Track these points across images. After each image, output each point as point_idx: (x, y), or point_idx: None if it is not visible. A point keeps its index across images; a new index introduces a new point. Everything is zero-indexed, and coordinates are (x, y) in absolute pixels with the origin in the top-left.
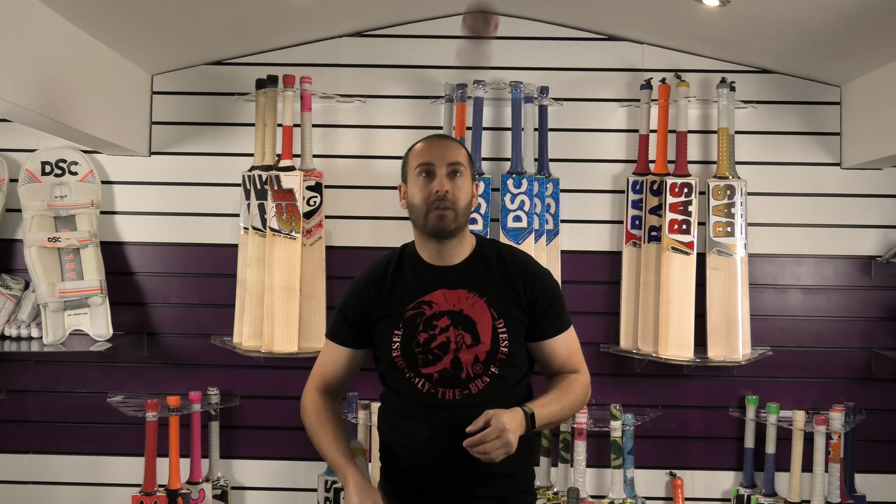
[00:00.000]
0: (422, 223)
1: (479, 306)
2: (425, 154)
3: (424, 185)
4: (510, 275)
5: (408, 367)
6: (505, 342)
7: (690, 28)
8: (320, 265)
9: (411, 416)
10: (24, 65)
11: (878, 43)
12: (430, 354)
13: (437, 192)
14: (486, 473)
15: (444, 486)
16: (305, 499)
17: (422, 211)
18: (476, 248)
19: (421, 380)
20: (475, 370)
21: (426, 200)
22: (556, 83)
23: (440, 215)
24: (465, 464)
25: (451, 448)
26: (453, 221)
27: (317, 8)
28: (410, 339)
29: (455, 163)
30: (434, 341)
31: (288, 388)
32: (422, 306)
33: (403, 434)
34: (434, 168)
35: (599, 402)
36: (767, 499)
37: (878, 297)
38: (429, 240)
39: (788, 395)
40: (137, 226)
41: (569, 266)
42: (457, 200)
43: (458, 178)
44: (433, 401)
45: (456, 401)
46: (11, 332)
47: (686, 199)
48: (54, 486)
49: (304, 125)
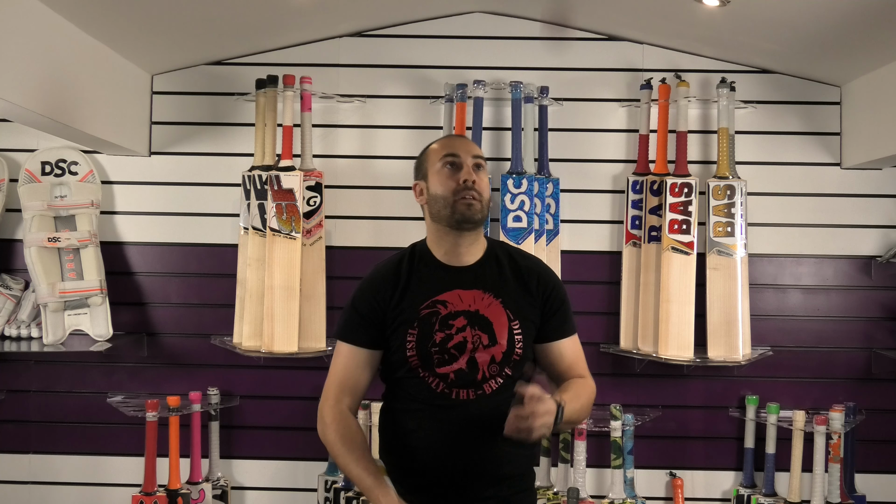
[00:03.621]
0: (448, 213)
1: (495, 307)
2: (450, 146)
3: (451, 175)
4: (523, 276)
5: (422, 367)
6: (520, 343)
7: (690, 28)
8: (320, 265)
9: (422, 416)
10: (25, 65)
11: (878, 43)
12: (446, 354)
13: (466, 182)
14: (493, 474)
15: (450, 486)
16: (305, 499)
17: (449, 200)
18: (488, 249)
19: (435, 379)
20: (491, 371)
21: (454, 190)
22: (556, 83)
23: (468, 203)
24: (475, 464)
25: (461, 448)
26: (480, 211)
27: (317, 8)
28: (426, 338)
29: (479, 156)
30: (451, 341)
31: (288, 388)
32: (437, 306)
33: (411, 434)
34: (460, 160)
35: (599, 402)
36: (767, 499)
37: (878, 297)
38: (447, 235)
39: (788, 395)
40: (137, 226)
41: (569, 266)
42: (482, 191)
43: (482, 171)
44: (446, 401)
45: (469, 401)
46: (11, 332)
47: (686, 199)
48: (54, 486)
49: (304, 125)
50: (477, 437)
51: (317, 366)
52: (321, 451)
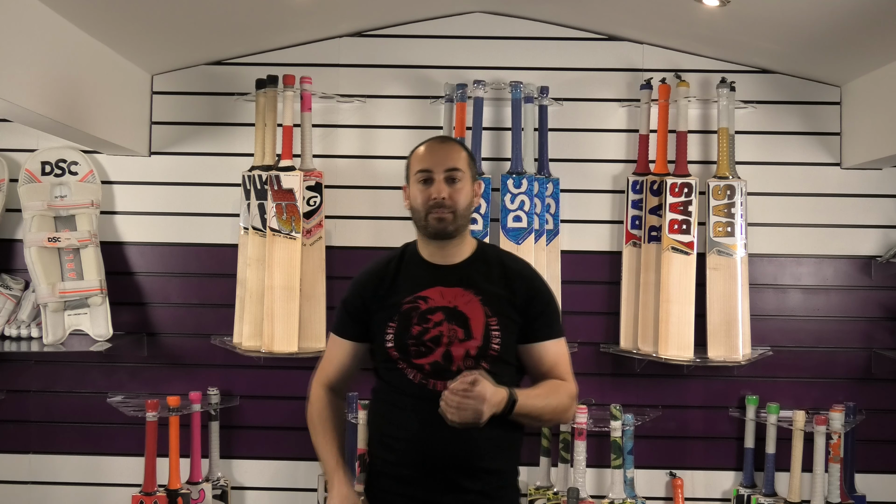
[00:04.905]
0: (423, 225)
1: (473, 303)
2: (424, 161)
3: (423, 190)
4: (509, 277)
5: (401, 358)
6: (497, 339)
7: (690, 28)
8: (320, 265)
9: (403, 407)
10: (25, 65)
11: (878, 43)
12: (422, 346)
13: (435, 199)
14: (470, 466)
15: (430, 476)
16: (305, 499)
17: (422, 214)
18: (477, 250)
19: (413, 371)
20: (466, 364)
21: (425, 205)
22: (556, 83)
23: (438, 218)
24: (452, 454)
25: (439, 438)
26: (452, 223)
27: (317, 8)
28: (404, 330)
29: (452, 168)
30: (427, 334)
31: (288, 388)
32: (417, 301)
33: (394, 424)
34: (432, 174)
35: (599, 402)
36: (767, 499)
37: (878, 297)
38: (430, 241)
39: (788, 395)
40: (137, 226)
41: (569, 266)
42: (455, 204)
43: (457, 182)
44: (424, 391)
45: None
46: (11, 332)
47: (686, 199)
48: (54, 486)
49: (304, 125)
50: (453, 429)
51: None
52: None
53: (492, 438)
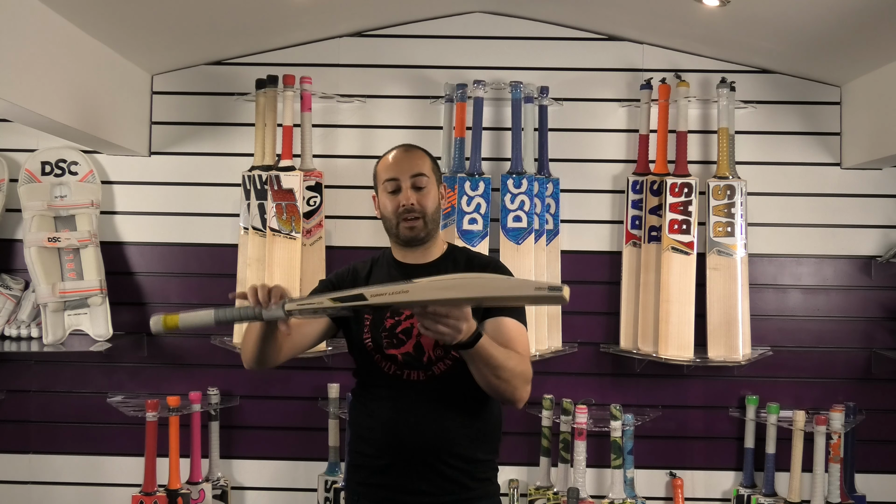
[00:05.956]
0: (395, 233)
1: None
2: (390, 170)
3: (392, 199)
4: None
5: (374, 350)
6: None
7: (690, 28)
8: (320, 265)
9: (379, 397)
10: (25, 66)
11: (878, 43)
12: (394, 338)
13: (404, 205)
14: (445, 451)
15: (407, 463)
16: (305, 499)
17: (393, 222)
18: (447, 251)
19: (387, 362)
20: (437, 354)
21: (395, 212)
22: (556, 83)
23: (410, 226)
24: (426, 439)
25: (412, 423)
26: (423, 229)
27: (317, 8)
28: (378, 323)
29: (418, 174)
30: (399, 326)
31: (288, 388)
32: None
33: (371, 416)
34: (399, 182)
35: (599, 402)
36: (767, 499)
37: (878, 297)
38: (401, 245)
39: (788, 395)
40: (137, 226)
41: (569, 266)
42: (424, 209)
43: (423, 188)
44: (398, 381)
45: (420, 382)
46: (11, 332)
47: (686, 199)
48: (54, 486)
49: (304, 125)
50: (428, 417)
51: (317, 366)
52: (321, 451)
53: (464, 426)
